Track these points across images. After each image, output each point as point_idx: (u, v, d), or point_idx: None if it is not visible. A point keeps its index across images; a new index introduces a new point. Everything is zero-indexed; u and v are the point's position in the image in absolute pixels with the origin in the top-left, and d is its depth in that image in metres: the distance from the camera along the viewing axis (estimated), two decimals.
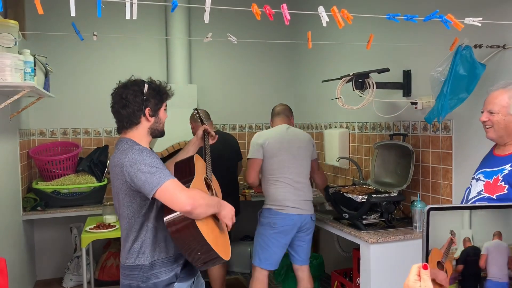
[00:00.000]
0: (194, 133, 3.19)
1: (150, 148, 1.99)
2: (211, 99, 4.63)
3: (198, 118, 2.60)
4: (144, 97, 1.90)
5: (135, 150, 1.82)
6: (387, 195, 2.82)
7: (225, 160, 3.39)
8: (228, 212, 1.99)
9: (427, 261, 0.93)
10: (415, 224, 2.72)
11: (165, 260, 1.90)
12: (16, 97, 2.67)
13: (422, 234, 0.95)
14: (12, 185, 3.36)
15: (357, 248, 2.84)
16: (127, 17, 1.21)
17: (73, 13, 1.16)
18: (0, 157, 3.03)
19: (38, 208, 3.70)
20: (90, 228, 3.22)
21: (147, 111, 1.91)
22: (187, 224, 1.78)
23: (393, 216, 2.86)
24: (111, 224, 3.31)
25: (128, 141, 1.89)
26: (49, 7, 3.75)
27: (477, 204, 1.71)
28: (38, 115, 4.13)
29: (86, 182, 3.85)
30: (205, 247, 1.81)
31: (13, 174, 3.42)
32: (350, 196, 2.84)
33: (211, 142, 2.38)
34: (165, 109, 2.01)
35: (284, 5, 1.34)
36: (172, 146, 4.10)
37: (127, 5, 1.18)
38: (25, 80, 2.58)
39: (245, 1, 1.70)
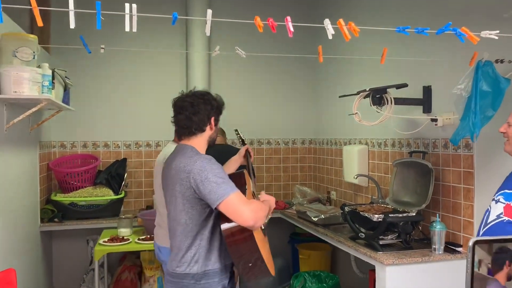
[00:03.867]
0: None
1: None
2: (229, 114, 4.59)
3: (239, 138, 2.72)
4: (211, 107, 2.03)
5: (203, 158, 1.87)
6: (405, 214, 2.72)
7: None
8: (272, 209, 2.06)
9: None
10: (434, 246, 2.60)
11: (217, 271, 1.91)
12: (33, 109, 2.71)
13: (466, 271, 0.84)
14: (31, 196, 3.41)
15: (373, 269, 2.73)
16: (127, 29, 1.20)
17: (72, 25, 1.16)
18: (20, 169, 3.08)
19: (55, 219, 3.74)
20: (104, 241, 3.22)
21: (212, 120, 2.03)
22: (245, 236, 1.82)
23: (411, 237, 2.75)
24: (125, 238, 3.30)
25: (192, 149, 1.96)
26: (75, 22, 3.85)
27: None
28: (59, 127, 4.21)
29: (103, 195, 3.88)
30: (258, 259, 1.84)
31: (32, 185, 3.47)
32: (366, 215, 2.75)
33: (251, 159, 2.49)
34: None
35: (288, 18, 1.31)
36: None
37: (127, 17, 1.18)
38: (42, 93, 2.63)
39: (262, 14, 1.68)
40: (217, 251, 1.92)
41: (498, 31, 1.45)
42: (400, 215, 2.69)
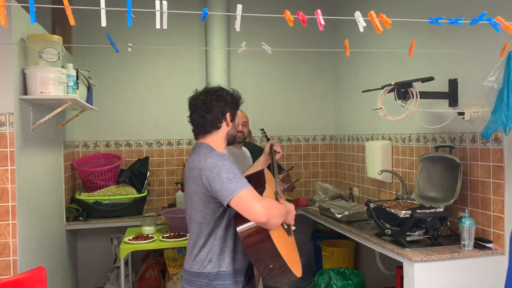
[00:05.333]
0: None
1: None
2: (249, 111, 4.60)
3: (264, 136, 2.71)
4: (226, 102, 1.98)
5: (215, 155, 1.85)
6: (432, 210, 2.67)
7: None
8: (292, 216, 2.01)
9: None
10: (463, 242, 2.55)
11: (231, 273, 1.89)
12: (59, 110, 2.75)
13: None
14: (56, 195, 3.45)
15: (400, 266, 2.69)
16: (157, 26, 1.20)
17: (104, 24, 1.16)
18: (46, 168, 3.13)
19: (80, 218, 3.78)
20: (129, 239, 3.24)
21: (227, 115, 1.99)
22: (262, 237, 1.76)
23: (439, 233, 2.70)
24: (149, 236, 3.32)
25: (207, 146, 1.93)
26: (94, 24, 3.89)
27: None
28: (82, 127, 4.26)
29: (127, 194, 3.91)
30: (278, 260, 1.78)
31: (58, 185, 3.52)
32: (393, 211, 2.71)
33: (277, 157, 2.44)
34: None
35: (318, 11, 1.29)
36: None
37: (157, 14, 1.17)
38: (67, 93, 2.66)
39: (279, 10, 1.66)
40: (231, 252, 1.89)
41: None
42: (428, 211, 2.64)
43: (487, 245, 2.55)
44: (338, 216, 3.41)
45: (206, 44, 4.44)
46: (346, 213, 3.40)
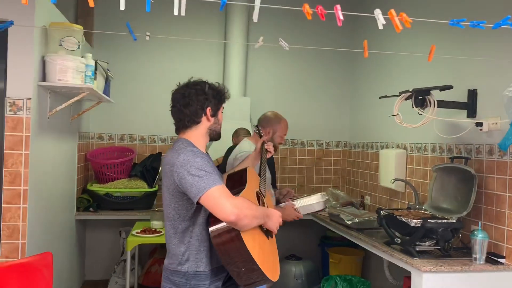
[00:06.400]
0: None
1: (206, 152, 1.97)
2: (263, 110, 4.58)
3: (257, 133, 2.63)
4: (206, 96, 1.91)
5: (188, 151, 1.79)
6: (444, 221, 2.61)
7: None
8: (274, 223, 1.93)
9: None
10: (474, 256, 2.49)
11: (209, 273, 1.84)
12: (76, 98, 2.78)
13: None
14: (68, 185, 3.49)
15: (408, 276, 2.64)
16: (175, 12, 1.20)
17: (122, 7, 1.16)
18: (60, 157, 3.16)
19: (91, 209, 3.81)
20: (137, 232, 3.25)
21: (208, 110, 1.91)
22: (232, 237, 1.71)
23: (450, 245, 2.64)
24: (158, 230, 3.33)
25: (184, 142, 1.88)
26: (114, 16, 3.94)
27: None
28: (98, 119, 4.30)
29: (138, 187, 3.93)
30: (250, 262, 1.72)
31: (70, 174, 3.55)
32: (404, 219, 2.66)
33: (268, 156, 2.35)
34: (222, 111, 2.02)
35: (338, 6, 1.28)
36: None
37: (176, 1, 1.17)
38: (85, 82, 2.69)
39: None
40: (209, 252, 1.83)
41: None
42: (440, 221, 2.59)
43: (500, 260, 2.49)
44: (348, 222, 3.37)
45: (225, 38, 4.46)
46: (356, 220, 3.36)
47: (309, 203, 2.87)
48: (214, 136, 1.99)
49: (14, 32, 2.41)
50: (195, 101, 1.89)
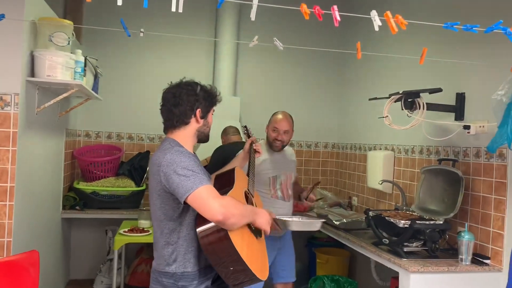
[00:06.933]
0: None
1: (194, 152, 1.96)
2: (253, 113, 4.59)
3: (246, 133, 2.63)
4: (196, 98, 1.89)
5: (174, 151, 1.78)
6: (432, 222, 2.65)
7: None
8: (264, 220, 1.91)
9: None
10: (461, 257, 2.52)
11: (196, 273, 1.83)
12: (65, 94, 2.75)
13: None
14: (54, 183, 3.44)
15: (395, 277, 2.67)
16: (173, 9, 1.19)
17: (120, 2, 1.15)
18: (46, 154, 3.11)
19: (77, 207, 3.76)
20: (124, 231, 3.22)
21: (198, 112, 1.90)
22: (220, 237, 1.70)
23: (437, 246, 2.67)
24: (145, 229, 3.31)
25: (171, 141, 1.86)
26: (105, 12, 3.89)
27: None
28: (85, 117, 4.25)
29: (125, 186, 3.89)
30: (238, 262, 1.71)
31: (57, 172, 3.51)
32: (392, 220, 2.69)
33: (257, 156, 2.35)
34: (212, 114, 2.00)
35: (335, 7, 1.29)
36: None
37: None
38: (74, 79, 2.66)
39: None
40: (198, 252, 1.82)
41: None
42: (428, 222, 2.62)
43: (485, 261, 2.53)
44: (336, 223, 3.39)
45: (215, 37, 4.46)
46: (344, 220, 3.38)
47: (308, 221, 2.93)
48: (202, 138, 1.97)
49: (2, 26, 2.36)
50: (185, 102, 1.88)
